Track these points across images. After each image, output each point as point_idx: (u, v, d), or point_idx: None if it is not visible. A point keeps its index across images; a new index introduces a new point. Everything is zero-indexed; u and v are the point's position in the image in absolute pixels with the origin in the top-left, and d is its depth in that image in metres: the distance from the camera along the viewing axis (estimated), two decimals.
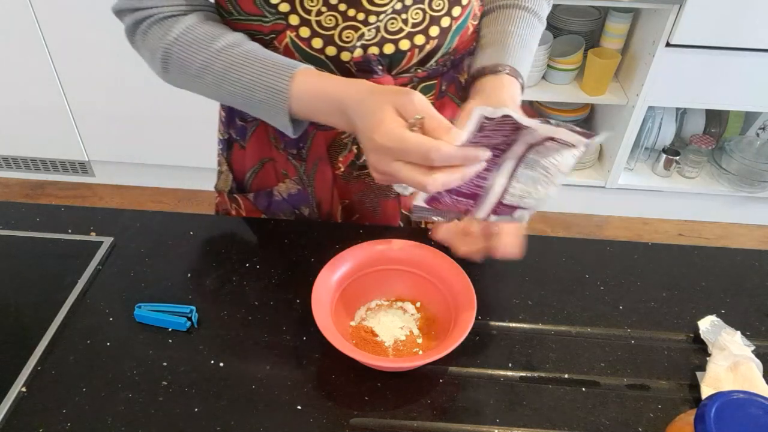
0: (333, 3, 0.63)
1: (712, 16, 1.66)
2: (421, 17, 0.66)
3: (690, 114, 2.15)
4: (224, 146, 0.84)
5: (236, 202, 0.85)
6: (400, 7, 0.64)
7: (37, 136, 2.15)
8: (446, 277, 0.65)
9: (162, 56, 0.65)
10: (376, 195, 0.81)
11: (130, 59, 1.87)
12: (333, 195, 0.80)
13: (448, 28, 0.68)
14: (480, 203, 0.59)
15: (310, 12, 0.63)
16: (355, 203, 0.82)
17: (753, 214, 2.22)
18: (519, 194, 0.58)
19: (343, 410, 0.58)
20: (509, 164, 0.57)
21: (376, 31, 0.65)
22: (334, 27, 0.64)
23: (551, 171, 0.56)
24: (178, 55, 0.64)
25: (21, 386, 0.59)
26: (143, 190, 2.32)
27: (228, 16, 0.67)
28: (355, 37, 0.65)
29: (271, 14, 0.64)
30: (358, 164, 0.76)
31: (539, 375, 0.62)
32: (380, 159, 0.54)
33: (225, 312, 0.67)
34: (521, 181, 0.57)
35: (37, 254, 0.74)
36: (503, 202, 0.58)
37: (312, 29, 0.64)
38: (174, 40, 0.63)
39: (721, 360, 0.61)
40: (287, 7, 0.63)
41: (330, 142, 0.76)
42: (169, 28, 0.64)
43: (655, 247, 0.78)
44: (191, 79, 0.65)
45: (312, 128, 0.74)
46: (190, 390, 0.59)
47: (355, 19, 0.64)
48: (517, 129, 0.52)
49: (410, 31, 0.66)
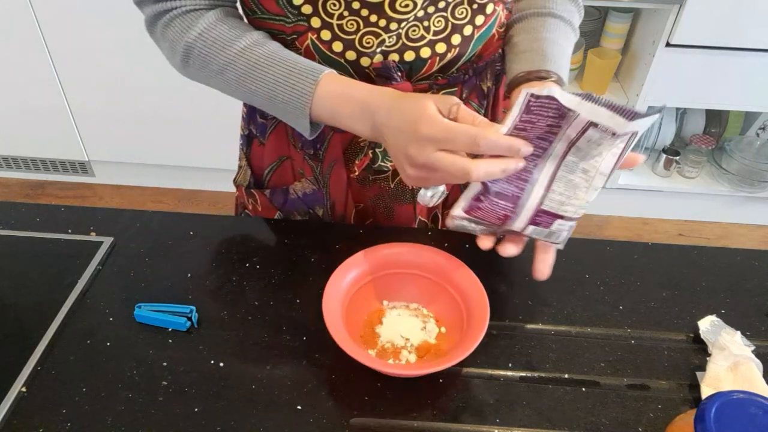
0: (355, 8, 0.62)
1: (712, 16, 1.66)
2: (443, 25, 0.65)
3: (690, 114, 2.15)
4: (244, 141, 0.85)
5: (253, 198, 0.86)
6: (422, 15, 0.64)
7: (37, 136, 2.15)
8: (459, 283, 0.65)
9: (183, 51, 0.64)
10: (391, 200, 0.81)
11: (130, 59, 1.88)
12: (347, 197, 0.80)
13: (471, 36, 0.68)
14: (519, 208, 0.58)
15: (333, 15, 0.63)
16: (369, 207, 0.82)
17: (753, 214, 2.22)
18: (558, 199, 0.58)
19: (343, 410, 0.58)
20: (550, 166, 0.56)
21: (397, 38, 0.65)
22: (355, 32, 0.64)
23: (591, 174, 0.56)
24: (200, 51, 0.63)
25: (21, 386, 0.59)
26: (143, 190, 2.32)
27: (251, 15, 0.67)
28: (375, 43, 0.65)
29: (294, 15, 0.64)
30: (373, 168, 0.76)
31: (539, 375, 0.62)
32: (421, 150, 0.53)
33: (225, 312, 0.67)
34: (561, 186, 0.57)
35: (37, 254, 0.74)
36: (542, 209, 0.58)
37: (333, 33, 0.64)
38: (197, 37, 0.63)
39: (721, 360, 0.61)
40: (310, 9, 0.63)
41: (347, 145, 0.76)
42: (191, 23, 0.63)
43: (655, 247, 0.78)
44: (212, 75, 0.65)
45: (329, 130, 0.74)
46: (190, 390, 0.59)
47: (377, 25, 0.64)
48: (561, 116, 0.52)
49: (432, 39, 0.66)
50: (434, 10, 0.64)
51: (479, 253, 0.75)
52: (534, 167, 0.56)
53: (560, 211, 0.58)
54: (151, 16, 0.66)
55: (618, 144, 0.54)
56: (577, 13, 0.73)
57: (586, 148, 0.55)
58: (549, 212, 0.58)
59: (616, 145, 0.54)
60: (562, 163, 0.56)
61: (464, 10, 0.65)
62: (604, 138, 0.53)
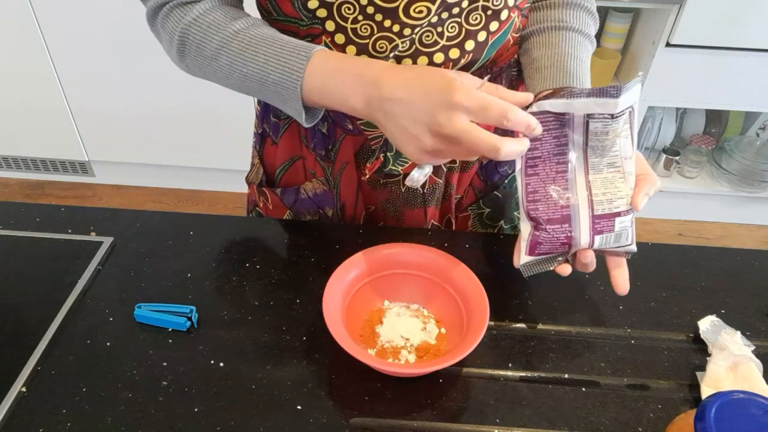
0: (369, 12, 0.62)
1: (712, 16, 1.66)
2: (456, 31, 0.65)
3: (690, 114, 2.15)
4: (258, 140, 0.85)
5: (264, 196, 0.86)
6: (436, 21, 0.64)
7: (37, 136, 2.15)
8: (459, 283, 0.65)
9: (179, 39, 0.64)
10: (402, 204, 0.81)
11: (130, 59, 1.88)
12: (358, 200, 0.80)
13: (485, 42, 0.67)
14: (576, 225, 0.60)
15: (347, 20, 0.63)
16: (379, 210, 0.83)
17: (753, 214, 2.22)
18: (605, 199, 0.59)
19: (343, 410, 0.58)
20: (580, 177, 0.58)
21: (411, 43, 0.65)
22: (368, 36, 0.64)
23: (617, 164, 0.58)
24: (195, 36, 0.63)
25: (21, 386, 0.59)
26: (143, 190, 2.32)
27: (267, 16, 0.68)
28: (388, 48, 0.65)
29: (308, 18, 0.64)
30: (384, 172, 0.76)
31: (539, 375, 0.62)
32: (452, 119, 0.51)
33: (225, 312, 0.67)
34: (600, 187, 0.59)
35: (37, 254, 0.74)
36: (596, 214, 0.59)
37: (347, 36, 0.64)
38: (192, 21, 0.63)
39: (721, 360, 0.61)
40: (324, 13, 0.63)
41: (358, 148, 0.76)
42: (188, 11, 0.63)
43: (655, 247, 0.78)
44: (207, 62, 0.64)
45: (341, 132, 0.74)
46: (190, 390, 0.59)
47: (390, 30, 0.63)
48: (562, 125, 0.54)
49: (445, 45, 0.66)
50: (448, 16, 0.64)
51: (479, 254, 0.75)
52: (567, 185, 0.58)
53: (613, 209, 0.59)
54: (152, 8, 0.66)
55: (623, 125, 0.56)
56: (593, 25, 0.73)
57: (599, 144, 0.55)
58: (604, 215, 0.59)
59: (622, 127, 0.56)
60: (588, 168, 0.57)
61: (478, 16, 0.65)
62: (607, 125, 0.54)
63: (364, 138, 0.74)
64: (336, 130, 0.75)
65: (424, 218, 0.81)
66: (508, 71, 0.75)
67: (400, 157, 0.75)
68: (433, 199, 0.79)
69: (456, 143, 0.53)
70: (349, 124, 0.73)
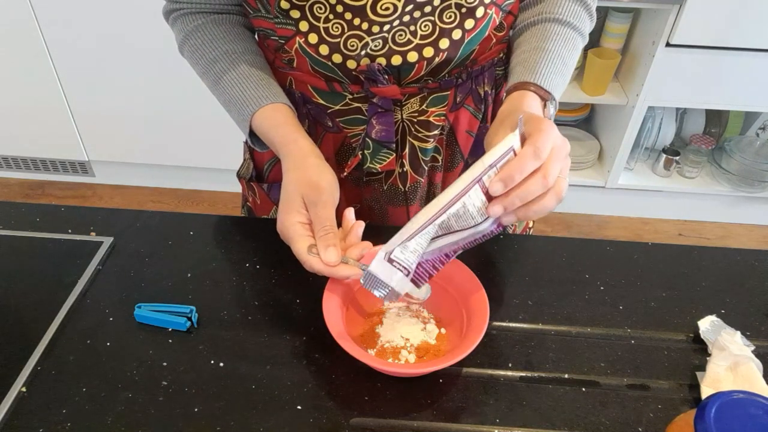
0: (339, 11, 0.63)
1: (712, 16, 1.66)
2: (430, 29, 0.65)
3: (690, 114, 2.15)
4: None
5: (253, 191, 0.87)
6: (408, 19, 0.64)
7: (37, 136, 2.15)
8: (459, 283, 0.65)
9: (180, 47, 0.75)
10: (385, 201, 0.81)
11: (130, 59, 1.88)
12: (341, 197, 0.80)
13: (461, 40, 0.67)
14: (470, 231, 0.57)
15: (319, 19, 0.64)
16: (365, 208, 0.83)
17: (753, 214, 2.22)
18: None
19: (343, 410, 0.58)
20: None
21: (383, 42, 0.65)
22: (340, 35, 0.64)
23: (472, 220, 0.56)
24: (187, 52, 0.74)
25: (21, 386, 0.59)
26: (143, 190, 2.32)
27: (254, 13, 0.69)
28: (359, 46, 0.65)
29: (283, 17, 0.65)
30: (363, 169, 0.77)
31: (539, 375, 0.62)
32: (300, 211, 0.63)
33: (225, 312, 0.67)
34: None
35: (37, 254, 0.74)
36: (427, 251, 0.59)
37: (320, 36, 0.65)
38: (186, 36, 0.73)
39: (721, 360, 0.61)
40: (297, 14, 0.64)
41: (339, 146, 0.76)
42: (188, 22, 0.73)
43: (655, 247, 0.78)
44: (198, 74, 0.75)
45: (321, 129, 0.75)
46: (190, 390, 0.59)
47: (360, 28, 0.64)
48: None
49: (419, 44, 0.66)
50: (420, 14, 0.64)
51: (479, 254, 0.75)
52: None
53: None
54: (167, 9, 0.75)
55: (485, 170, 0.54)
56: (588, 19, 0.72)
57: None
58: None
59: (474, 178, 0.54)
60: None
61: (452, 14, 0.65)
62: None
63: (344, 135, 0.75)
64: (317, 128, 0.76)
65: (406, 216, 0.81)
66: (491, 70, 0.75)
67: (378, 156, 0.75)
68: (415, 197, 0.79)
69: (289, 238, 0.63)
70: (328, 121, 0.74)
